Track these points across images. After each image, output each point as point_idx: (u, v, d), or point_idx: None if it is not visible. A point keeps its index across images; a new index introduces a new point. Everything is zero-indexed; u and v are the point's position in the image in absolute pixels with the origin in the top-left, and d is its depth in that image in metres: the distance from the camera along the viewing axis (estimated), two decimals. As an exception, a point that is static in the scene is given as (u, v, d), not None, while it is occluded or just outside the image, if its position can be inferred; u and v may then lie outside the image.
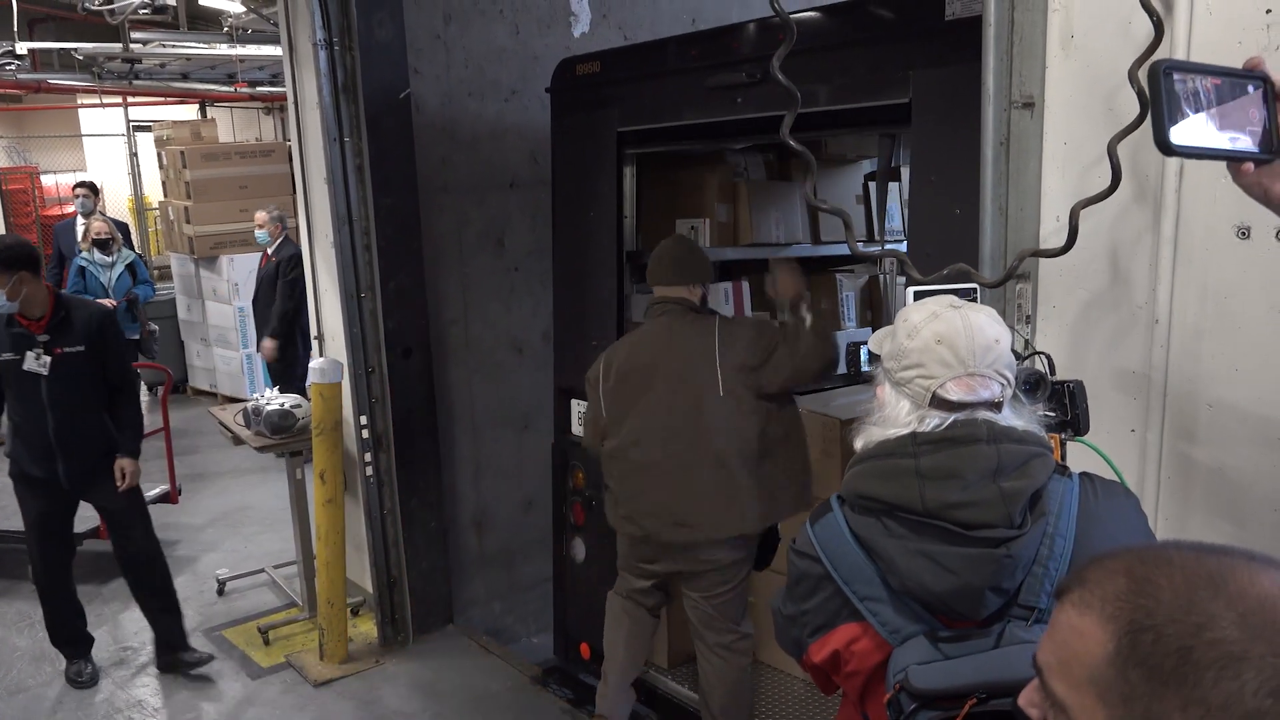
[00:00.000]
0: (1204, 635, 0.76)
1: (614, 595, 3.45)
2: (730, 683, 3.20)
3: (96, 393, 4.02)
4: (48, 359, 3.89)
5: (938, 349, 1.45)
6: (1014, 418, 1.46)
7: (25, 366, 3.86)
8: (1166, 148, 1.16)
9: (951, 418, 1.43)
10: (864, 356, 1.81)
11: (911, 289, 1.74)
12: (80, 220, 8.06)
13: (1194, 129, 1.16)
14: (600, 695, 3.46)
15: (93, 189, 8.28)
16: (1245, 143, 1.18)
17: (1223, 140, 1.17)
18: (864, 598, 1.42)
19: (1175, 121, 1.15)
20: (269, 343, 6.66)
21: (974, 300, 1.77)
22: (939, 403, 1.44)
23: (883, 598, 1.41)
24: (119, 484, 4.04)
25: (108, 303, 7.20)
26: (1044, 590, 1.36)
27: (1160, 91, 1.14)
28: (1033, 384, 1.61)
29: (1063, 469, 1.48)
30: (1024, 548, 1.36)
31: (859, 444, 1.52)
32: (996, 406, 1.45)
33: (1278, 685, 0.72)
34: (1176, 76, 1.15)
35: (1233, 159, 1.19)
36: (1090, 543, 1.37)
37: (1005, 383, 1.47)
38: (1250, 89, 1.18)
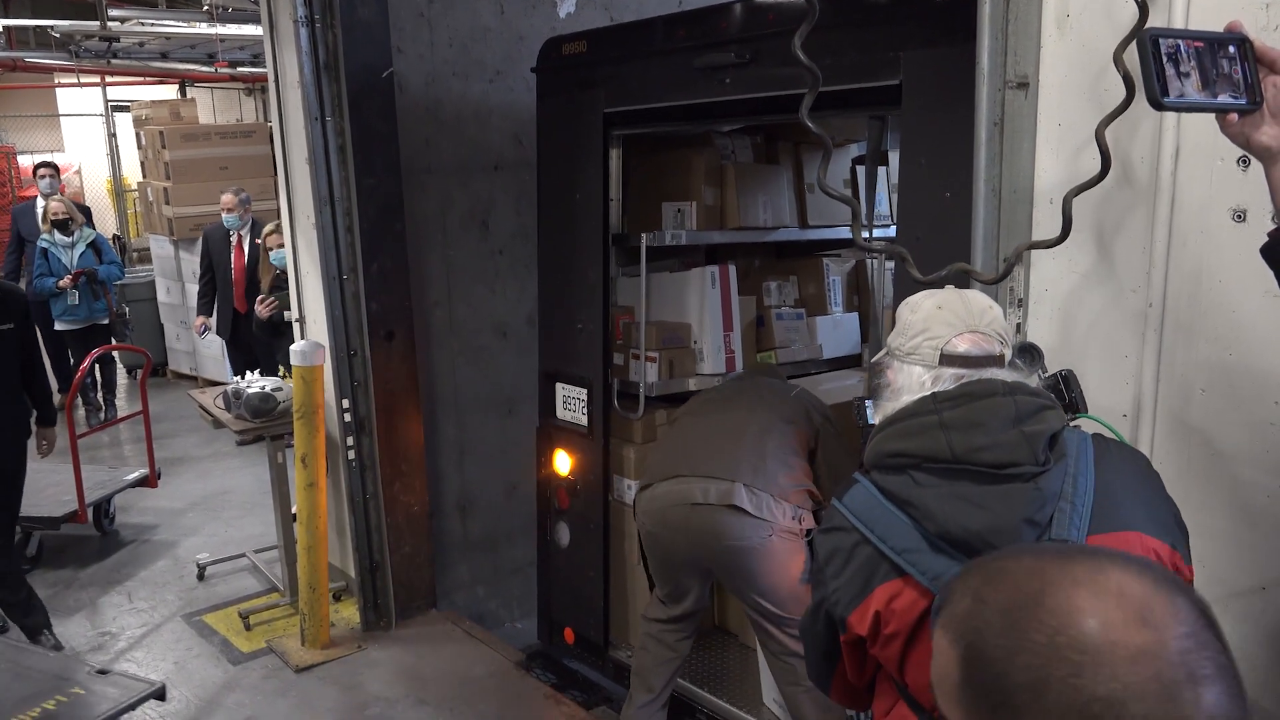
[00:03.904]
0: (1017, 660, 0.76)
1: (641, 619, 3.39)
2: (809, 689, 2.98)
3: (19, 369, 4.15)
4: None
5: (939, 313, 1.56)
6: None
7: None
8: (1158, 104, 1.28)
9: (965, 375, 1.50)
10: (868, 410, 1.77)
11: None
12: (40, 202, 7.92)
13: (1183, 86, 1.28)
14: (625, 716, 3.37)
15: (56, 170, 8.13)
16: (1229, 96, 1.30)
17: (1209, 94, 1.30)
18: (902, 550, 1.44)
19: (1165, 81, 1.27)
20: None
21: None
22: (949, 359, 1.52)
23: (921, 547, 1.43)
24: (41, 452, 4.37)
25: (67, 281, 7.10)
26: (1073, 525, 1.40)
27: (1149, 56, 1.26)
28: (1028, 352, 1.66)
29: (1074, 428, 1.53)
30: (1050, 481, 1.41)
31: (877, 419, 1.57)
32: (1000, 361, 1.53)
33: (1080, 704, 0.73)
34: (1163, 41, 1.27)
35: (1218, 110, 1.32)
36: (1110, 484, 1.42)
37: (1004, 342, 1.56)
38: (1231, 49, 1.31)
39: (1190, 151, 1.84)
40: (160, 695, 2.83)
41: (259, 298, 5.87)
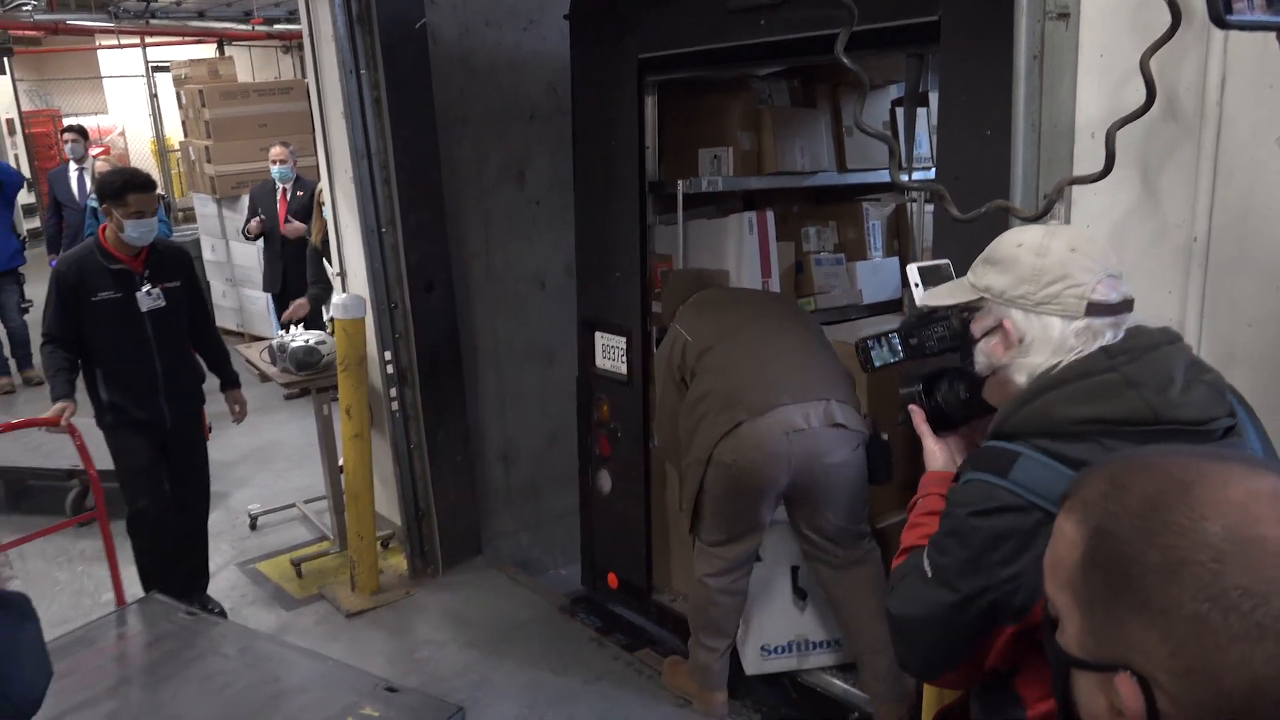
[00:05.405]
0: (1155, 540, 0.76)
1: (703, 580, 3.26)
2: (875, 590, 3.13)
3: (187, 329, 4.03)
4: (159, 293, 3.84)
5: (1075, 257, 1.40)
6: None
7: (143, 305, 3.79)
8: (1222, 22, 1.25)
9: (1123, 324, 1.39)
10: (872, 353, 1.71)
11: (911, 265, 1.75)
12: (73, 166, 8.01)
13: (1247, 3, 1.26)
14: (703, 666, 3.37)
15: (82, 133, 8.21)
16: None
17: (1274, 11, 1.27)
18: None
19: None
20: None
21: (945, 268, 1.76)
22: (1094, 309, 1.38)
23: None
24: (234, 417, 4.27)
25: None
26: None
27: None
28: None
29: None
30: (1243, 432, 1.34)
31: (1021, 379, 1.42)
32: (1132, 305, 1.42)
33: (1217, 591, 0.72)
34: None
35: None
36: (1260, 432, 1.37)
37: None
38: None
39: (1237, 79, 1.79)
40: None
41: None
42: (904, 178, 2.68)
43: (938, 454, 1.65)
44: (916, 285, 1.93)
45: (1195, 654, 0.73)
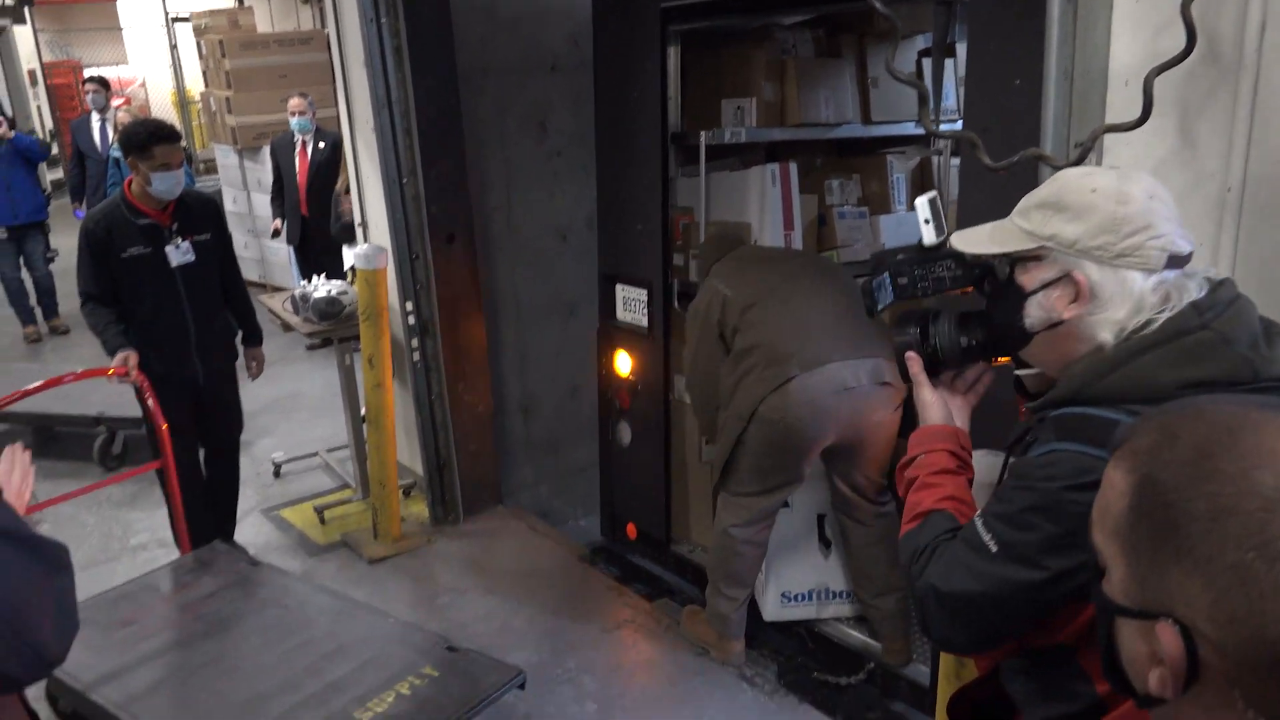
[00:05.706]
0: (1201, 488, 0.76)
1: (728, 531, 3.28)
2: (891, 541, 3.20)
3: (218, 283, 3.97)
4: (189, 246, 3.77)
5: (1154, 204, 1.30)
6: None
7: (173, 260, 3.73)
8: None
9: (1194, 276, 1.31)
10: (875, 295, 1.65)
11: (921, 198, 1.69)
12: (95, 116, 8.02)
13: None
14: (722, 615, 3.42)
15: (104, 84, 8.21)
16: None
17: None
18: None
19: None
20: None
21: (935, 204, 1.71)
22: (1174, 261, 1.29)
23: None
24: (251, 374, 4.22)
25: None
26: None
27: None
28: None
29: None
30: None
31: (1105, 336, 1.31)
32: (1192, 256, 1.34)
33: (1263, 540, 0.71)
34: None
35: None
36: None
37: None
38: None
39: (1277, 26, 1.75)
40: (520, 686, 2.53)
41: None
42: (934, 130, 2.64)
43: (936, 406, 1.58)
44: (927, 222, 1.89)
45: (1238, 603, 0.72)
